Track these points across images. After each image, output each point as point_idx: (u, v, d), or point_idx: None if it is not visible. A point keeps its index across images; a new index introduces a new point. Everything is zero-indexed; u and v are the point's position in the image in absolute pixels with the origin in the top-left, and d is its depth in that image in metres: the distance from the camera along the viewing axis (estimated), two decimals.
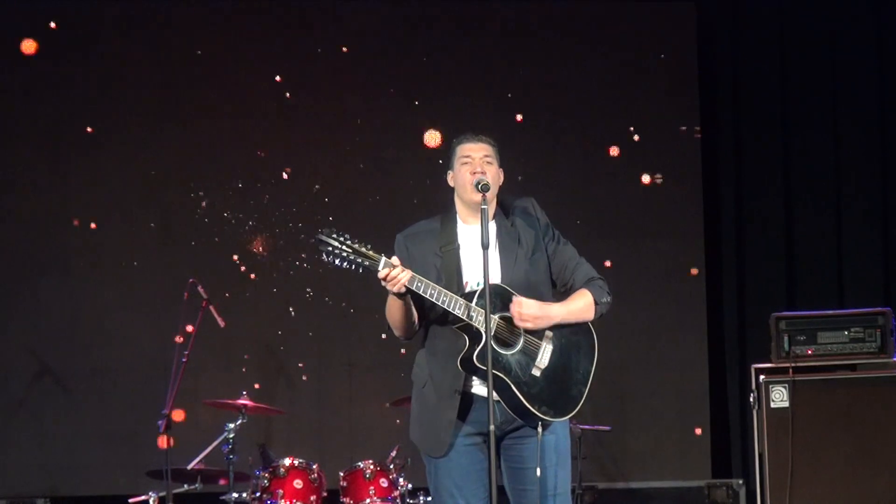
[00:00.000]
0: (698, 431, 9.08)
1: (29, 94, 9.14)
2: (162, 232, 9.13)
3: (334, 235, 4.65)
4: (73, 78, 9.16)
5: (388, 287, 4.68)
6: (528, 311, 4.79)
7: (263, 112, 9.25)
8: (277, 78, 9.24)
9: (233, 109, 9.22)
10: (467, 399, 4.85)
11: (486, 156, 4.92)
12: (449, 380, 4.83)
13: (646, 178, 9.32)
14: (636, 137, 9.34)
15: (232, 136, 9.22)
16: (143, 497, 7.53)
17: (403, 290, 4.69)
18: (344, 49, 9.29)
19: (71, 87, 9.15)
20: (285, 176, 9.24)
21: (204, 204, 9.18)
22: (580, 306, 4.91)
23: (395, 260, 4.68)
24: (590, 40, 9.39)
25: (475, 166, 4.88)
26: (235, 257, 9.17)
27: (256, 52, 9.27)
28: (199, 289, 7.94)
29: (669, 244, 9.31)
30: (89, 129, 9.13)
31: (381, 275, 4.65)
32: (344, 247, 4.64)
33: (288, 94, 9.27)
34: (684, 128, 9.32)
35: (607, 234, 9.22)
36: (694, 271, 9.27)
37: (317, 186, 9.25)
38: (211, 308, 7.94)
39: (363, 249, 4.65)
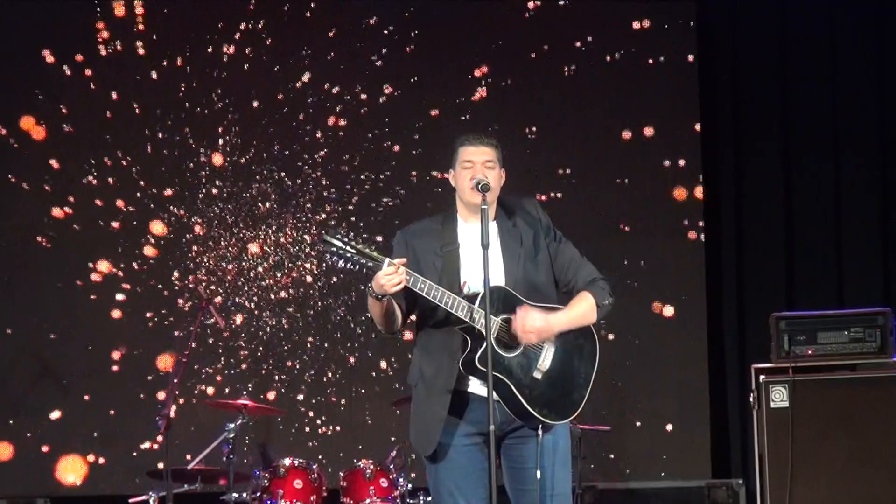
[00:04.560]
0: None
1: (31, 88, 9.14)
2: (162, 231, 9.12)
3: (339, 236, 4.65)
4: (80, 76, 9.16)
5: (387, 284, 4.67)
6: (532, 323, 4.77)
7: (264, 112, 9.24)
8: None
9: (233, 108, 9.22)
10: (463, 398, 4.84)
11: (488, 160, 4.91)
12: (442, 378, 4.83)
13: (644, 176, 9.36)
14: (636, 137, 9.34)
15: (232, 135, 9.22)
16: (143, 497, 7.53)
17: (392, 292, 4.68)
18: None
19: (78, 84, 9.14)
20: (286, 175, 9.23)
21: (204, 203, 9.17)
22: (583, 311, 4.92)
23: (400, 260, 4.68)
24: (590, 40, 9.38)
25: (476, 171, 4.88)
26: (235, 257, 9.16)
27: (263, 50, 9.29)
28: (199, 289, 7.95)
29: (669, 244, 9.31)
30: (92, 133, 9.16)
31: (386, 271, 4.64)
32: (348, 247, 4.64)
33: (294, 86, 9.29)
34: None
35: (607, 234, 9.22)
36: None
37: (320, 186, 9.25)
38: (211, 308, 7.95)
39: (367, 250, 4.65)
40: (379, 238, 8.84)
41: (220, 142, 9.22)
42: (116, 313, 9.06)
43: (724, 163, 9.45)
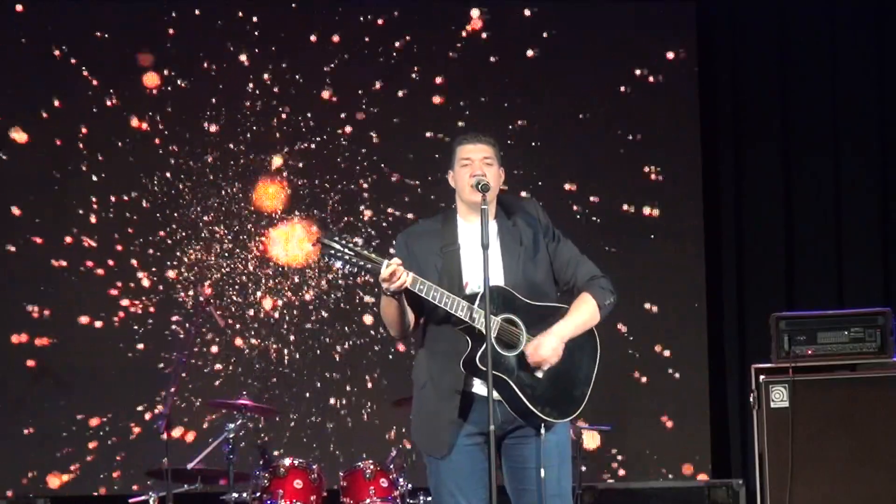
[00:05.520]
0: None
1: (26, 94, 9.13)
2: (162, 231, 9.12)
3: (336, 239, 4.66)
4: (79, 78, 9.16)
5: (388, 287, 4.68)
6: (545, 352, 4.79)
7: (266, 111, 9.23)
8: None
9: (233, 108, 9.21)
10: (468, 399, 4.85)
11: (486, 157, 4.92)
12: (449, 380, 4.84)
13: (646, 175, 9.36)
14: (636, 137, 9.34)
15: (231, 133, 9.21)
16: (143, 497, 7.54)
17: (400, 290, 4.69)
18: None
19: (77, 88, 9.14)
20: (284, 175, 9.23)
21: (203, 203, 9.17)
22: (586, 317, 4.93)
23: (396, 262, 4.68)
24: (590, 40, 9.39)
25: (475, 169, 4.88)
26: (234, 256, 9.16)
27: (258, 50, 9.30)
28: (200, 289, 7.95)
29: (669, 244, 9.32)
30: (84, 130, 9.13)
31: (383, 275, 4.65)
32: (346, 250, 4.64)
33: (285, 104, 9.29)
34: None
35: (607, 234, 9.22)
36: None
37: (318, 185, 9.25)
38: (210, 308, 7.95)
39: (365, 252, 4.66)
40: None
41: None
42: (116, 312, 9.06)
43: (724, 163, 9.45)
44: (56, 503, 8.82)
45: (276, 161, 9.18)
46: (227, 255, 9.13)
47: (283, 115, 9.19)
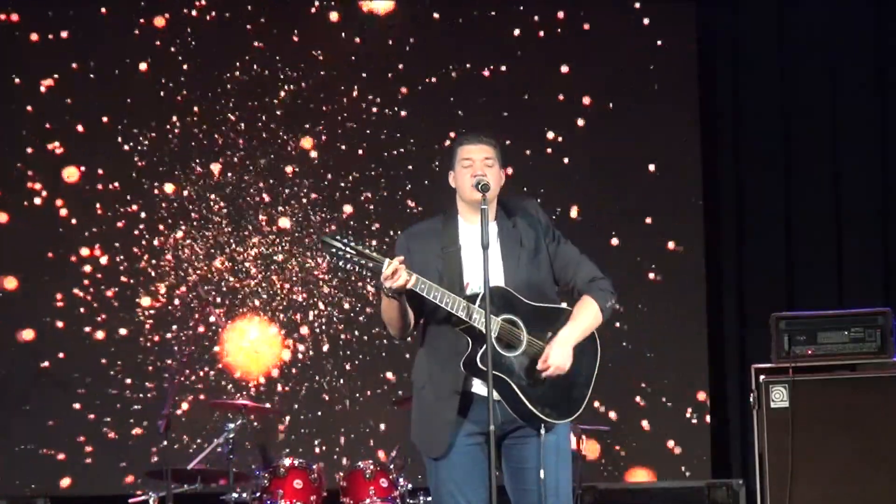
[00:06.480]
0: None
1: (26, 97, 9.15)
2: (161, 231, 9.12)
3: (338, 237, 4.65)
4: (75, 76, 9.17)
5: (390, 285, 4.67)
6: (556, 360, 4.80)
7: (266, 109, 9.24)
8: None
9: (235, 104, 9.22)
10: (467, 398, 4.85)
11: (487, 158, 4.91)
12: (449, 380, 4.83)
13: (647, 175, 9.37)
14: (636, 138, 9.35)
15: (230, 134, 9.21)
16: (143, 497, 7.54)
17: (402, 289, 4.69)
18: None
19: (79, 88, 9.15)
20: (286, 173, 9.23)
21: (202, 203, 9.17)
22: (590, 321, 4.93)
23: (398, 260, 4.68)
24: (590, 40, 9.39)
25: (476, 169, 4.88)
26: (234, 257, 9.16)
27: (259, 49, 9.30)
28: (199, 289, 7.95)
29: (669, 243, 9.32)
30: (80, 129, 9.13)
31: (385, 273, 4.65)
32: (348, 249, 4.64)
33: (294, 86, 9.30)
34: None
35: (607, 234, 9.22)
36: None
37: (318, 184, 9.25)
38: (210, 308, 7.95)
39: (367, 251, 4.65)
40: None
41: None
42: (116, 312, 9.06)
43: (724, 163, 9.45)
44: (56, 503, 8.82)
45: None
46: (224, 244, 9.15)
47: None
